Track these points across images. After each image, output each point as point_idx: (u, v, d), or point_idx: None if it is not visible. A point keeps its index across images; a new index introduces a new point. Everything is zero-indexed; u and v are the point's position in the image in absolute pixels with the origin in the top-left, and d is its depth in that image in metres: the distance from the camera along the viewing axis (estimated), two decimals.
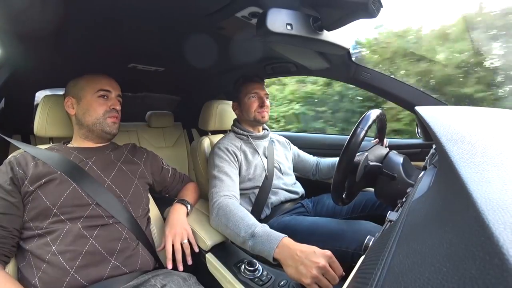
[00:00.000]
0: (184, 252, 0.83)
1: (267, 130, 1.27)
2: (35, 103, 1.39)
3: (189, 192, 1.07)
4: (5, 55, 0.96)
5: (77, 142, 0.90)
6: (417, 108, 0.58)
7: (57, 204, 0.73)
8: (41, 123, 0.91)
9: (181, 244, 0.84)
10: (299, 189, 1.22)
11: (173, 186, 1.08)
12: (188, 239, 0.85)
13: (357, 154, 0.79)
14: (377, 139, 1.05)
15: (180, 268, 0.80)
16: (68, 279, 0.66)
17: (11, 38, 0.84)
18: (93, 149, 0.89)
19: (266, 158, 1.16)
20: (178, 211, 0.93)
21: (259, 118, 1.16)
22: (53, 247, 0.69)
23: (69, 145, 0.90)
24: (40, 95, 1.36)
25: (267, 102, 1.19)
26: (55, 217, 0.72)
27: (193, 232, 0.91)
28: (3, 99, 1.26)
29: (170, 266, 0.79)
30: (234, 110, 1.24)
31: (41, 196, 0.73)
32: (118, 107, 0.91)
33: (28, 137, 1.42)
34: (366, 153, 0.86)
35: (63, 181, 0.76)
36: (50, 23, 0.76)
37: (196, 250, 0.85)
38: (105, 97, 0.89)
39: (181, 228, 0.86)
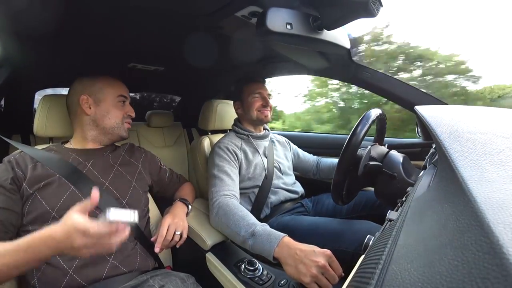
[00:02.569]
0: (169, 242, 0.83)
1: (268, 130, 1.27)
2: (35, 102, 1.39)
3: (187, 192, 1.08)
4: (5, 55, 0.96)
5: (78, 143, 0.88)
6: (416, 107, 0.58)
7: (56, 208, 0.72)
8: (40, 123, 0.91)
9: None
10: (299, 188, 1.22)
11: (170, 187, 1.08)
12: (181, 234, 0.85)
13: (360, 149, 0.79)
14: (376, 143, 1.03)
15: (157, 250, 0.80)
16: (66, 279, 0.66)
17: (11, 37, 0.84)
18: (92, 151, 0.88)
19: (266, 157, 1.16)
20: (181, 208, 0.95)
21: (262, 118, 1.17)
22: None
23: (67, 146, 0.89)
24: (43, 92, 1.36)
25: (270, 102, 1.19)
26: (54, 220, 0.71)
27: (194, 232, 0.91)
28: (3, 98, 1.26)
29: (158, 250, 0.80)
30: (236, 110, 1.24)
31: (40, 199, 0.72)
32: (134, 115, 0.94)
33: (28, 136, 1.42)
34: (369, 147, 0.86)
35: (61, 184, 0.75)
36: (50, 23, 0.76)
37: (179, 244, 0.85)
38: (123, 102, 0.91)
39: (180, 220, 0.87)
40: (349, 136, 0.76)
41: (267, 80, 1.31)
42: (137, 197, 0.88)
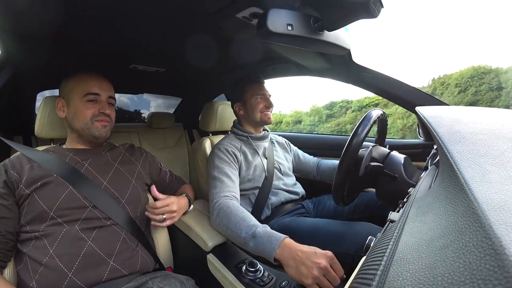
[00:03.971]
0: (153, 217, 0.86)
1: (267, 131, 1.26)
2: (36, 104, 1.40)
3: (187, 191, 1.07)
4: (6, 56, 0.97)
5: (71, 144, 0.89)
6: (418, 108, 0.58)
7: (54, 207, 0.72)
8: (41, 124, 0.91)
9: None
10: (300, 189, 1.22)
11: (170, 188, 1.09)
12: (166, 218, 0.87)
13: (361, 150, 0.79)
14: (377, 144, 1.02)
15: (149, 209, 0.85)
16: (66, 282, 0.66)
17: (12, 39, 0.85)
18: (88, 151, 0.88)
19: (266, 158, 1.16)
20: (183, 204, 0.95)
21: (266, 119, 1.16)
22: (51, 250, 0.68)
23: (64, 147, 0.89)
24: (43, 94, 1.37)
25: (272, 103, 1.19)
26: (52, 220, 0.72)
27: (194, 233, 0.91)
28: (5, 99, 1.26)
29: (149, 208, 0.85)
30: (238, 111, 1.22)
31: (37, 199, 0.72)
32: (108, 111, 0.86)
33: (30, 138, 1.43)
34: (371, 147, 0.86)
35: (59, 184, 0.75)
36: (51, 24, 0.76)
37: (164, 225, 0.87)
38: (94, 101, 0.84)
39: (177, 207, 0.89)
40: (350, 137, 0.76)
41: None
42: (137, 196, 0.88)
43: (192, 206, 1.00)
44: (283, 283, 0.68)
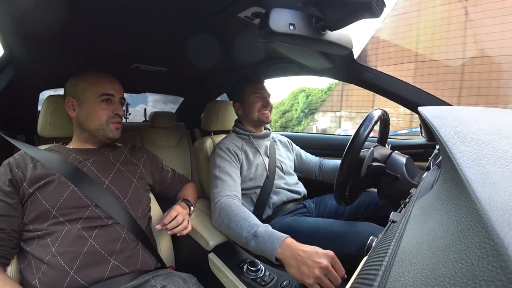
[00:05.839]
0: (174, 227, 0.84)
1: (269, 130, 1.27)
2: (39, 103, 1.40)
3: (190, 192, 1.08)
4: (9, 56, 0.97)
5: (76, 144, 0.89)
6: (420, 108, 0.58)
7: (56, 206, 0.73)
8: (44, 123, 0.92)
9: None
10: (301, 189, 1.22)
11: (173, 187, 1.09)
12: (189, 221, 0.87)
13: (362, 150, 0.79)
14: (379, 144, 1.01)
15: (158, 227, 0.83)
16: (68, 280, 0.66)
17: (15, 38, 0.85)
18: (91, 150, 0.88)
19: (268, 157, 1.16)
20: (184, 208, 0.94)
21: (263, 119, 1.16)
22: (53, 248, 0.69)
23: (67, 146, 0.90)
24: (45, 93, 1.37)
25: (270, 102, 1.19)
26: (54, 219, 0.72)
27: (196, 232, 0.91)
28: (8, 98, 1.27)
29: (159, 228, 0.82)
30: (237, 111, 1.24)
31: (40, 198, 0.73)
32: (121, 113, 0.89)
33: (32, 137, 1.43)
34: (372, 148, 0.86)
35: (61, 183, 0.76)
36: (54, 24, 0.77)
37: (186, 231, 0.86)
38: (109, 101, 0.86)
39: (186, 214, 0.89)
40: (352, 137, 0.76)
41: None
42: (138, 196, 0.89)
43: (192, 208, 1.00)
44: (284, 283, 0.68)
